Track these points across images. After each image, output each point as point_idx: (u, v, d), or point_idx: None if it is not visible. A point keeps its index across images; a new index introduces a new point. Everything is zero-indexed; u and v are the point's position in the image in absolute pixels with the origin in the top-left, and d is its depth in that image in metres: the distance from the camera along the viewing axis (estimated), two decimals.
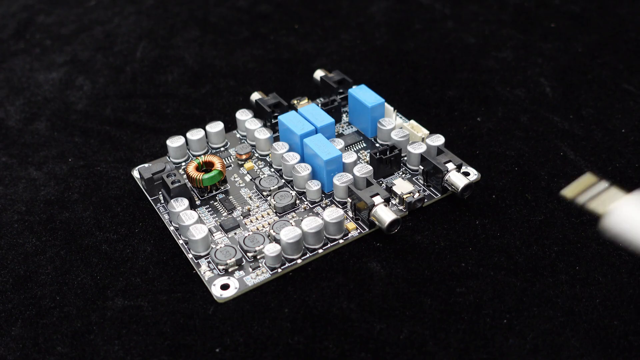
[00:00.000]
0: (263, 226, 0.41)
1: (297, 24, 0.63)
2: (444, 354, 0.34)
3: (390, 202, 0.40)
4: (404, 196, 0.41)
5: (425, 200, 0.42)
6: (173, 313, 0.36)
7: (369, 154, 0.44)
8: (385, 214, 0.39)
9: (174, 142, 0.46)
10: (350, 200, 0.41)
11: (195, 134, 0.47)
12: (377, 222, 0.39)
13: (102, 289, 0.38)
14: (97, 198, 0.44)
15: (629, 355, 0.33)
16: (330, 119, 0.45)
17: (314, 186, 0.42)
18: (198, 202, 0.43)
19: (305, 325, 0.35)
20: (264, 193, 0.43)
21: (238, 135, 0.49)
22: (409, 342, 0.34)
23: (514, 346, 0.34)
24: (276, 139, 0.47)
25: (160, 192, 0.43)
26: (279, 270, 0.38)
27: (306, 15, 0.65)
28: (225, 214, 0.42)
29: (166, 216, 0.42)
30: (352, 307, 0.36)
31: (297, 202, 0.42)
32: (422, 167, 0.43)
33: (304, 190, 0.43)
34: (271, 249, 0.38)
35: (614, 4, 0.63)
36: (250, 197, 0.43)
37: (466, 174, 0.44)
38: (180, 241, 0.40)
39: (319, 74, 0.52)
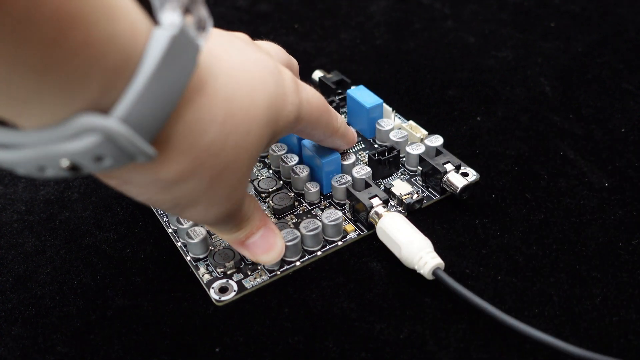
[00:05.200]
0: None
1: (297, 24, 0.63)
2: (444, 354, 0.34)
3: (388, 204, 0.40)
4: (403, 197, 0.41)
5: (424, 201, 0.42)
6: (173, 313, 0.36)
7: (367, 155, 0.44)
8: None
9: None
10: (349, 202, 0.41)
11: None
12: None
13: (102, 288, 0.38)
14: (97, 198, 0.44)
15: (629, 355, 0.33)
16: None
17: (313, 188, 0.42)
18: None
19: (305, 325, 0.35)
20: (263, 195, 0.43)
21: None
22: (409, 342, 0.34)
23: (513, 346, 0.34)
24: None
25: None
26: (278, 272, 0.38)
27: (306, 15, 0.65)
28: None
29: (164, 218, 0.42)
30: (352, 307, 0.36)
31: (296, 203, 0.42)
32: (420, 168, 0.43)
33: (303, 192, 0.43)
34: None
35: (614, 4, 0.63)
36: None
37: (465, 174, 0.44)
38: (179, 243, 0.40)
39: (317, 74, 0.52)
